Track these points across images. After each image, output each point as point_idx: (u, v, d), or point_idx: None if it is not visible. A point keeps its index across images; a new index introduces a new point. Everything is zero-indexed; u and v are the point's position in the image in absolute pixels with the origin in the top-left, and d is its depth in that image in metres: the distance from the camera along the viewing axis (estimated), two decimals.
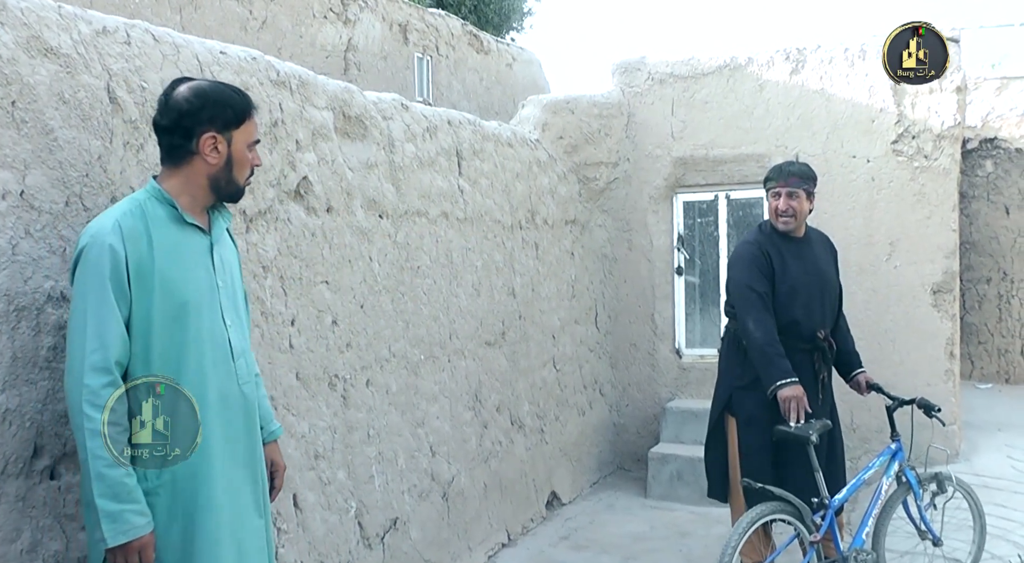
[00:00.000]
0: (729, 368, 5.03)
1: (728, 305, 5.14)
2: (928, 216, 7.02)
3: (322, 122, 4.33)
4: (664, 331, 7.99)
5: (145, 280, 2.60)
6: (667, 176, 7.88)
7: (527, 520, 6.40)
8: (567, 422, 7.15)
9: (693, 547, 6.00)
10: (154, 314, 2.61)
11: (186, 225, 2.74)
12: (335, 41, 8.76)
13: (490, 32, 13.70)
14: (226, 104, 2.77)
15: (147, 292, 2.61)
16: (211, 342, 2.74)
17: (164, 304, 2.63)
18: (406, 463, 4.95)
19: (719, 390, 5.11)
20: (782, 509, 4.33)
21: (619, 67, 8.07)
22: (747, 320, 4.77)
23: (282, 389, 3.99)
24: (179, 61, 3.42)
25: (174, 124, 2.72)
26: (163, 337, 2.63)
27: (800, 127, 7.41)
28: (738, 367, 4.94)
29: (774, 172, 4.97)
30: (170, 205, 2.71)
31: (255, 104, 2.90)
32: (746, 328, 4.77)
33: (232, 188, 2.85)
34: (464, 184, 5.70)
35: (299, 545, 4.03)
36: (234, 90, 2.85)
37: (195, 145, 2.72)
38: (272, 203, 3.97)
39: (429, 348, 5.25)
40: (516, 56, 12.37)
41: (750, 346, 4.75)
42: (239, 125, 2.80)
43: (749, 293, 4.80)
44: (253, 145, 2.88)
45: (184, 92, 2.73)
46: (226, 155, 2.78)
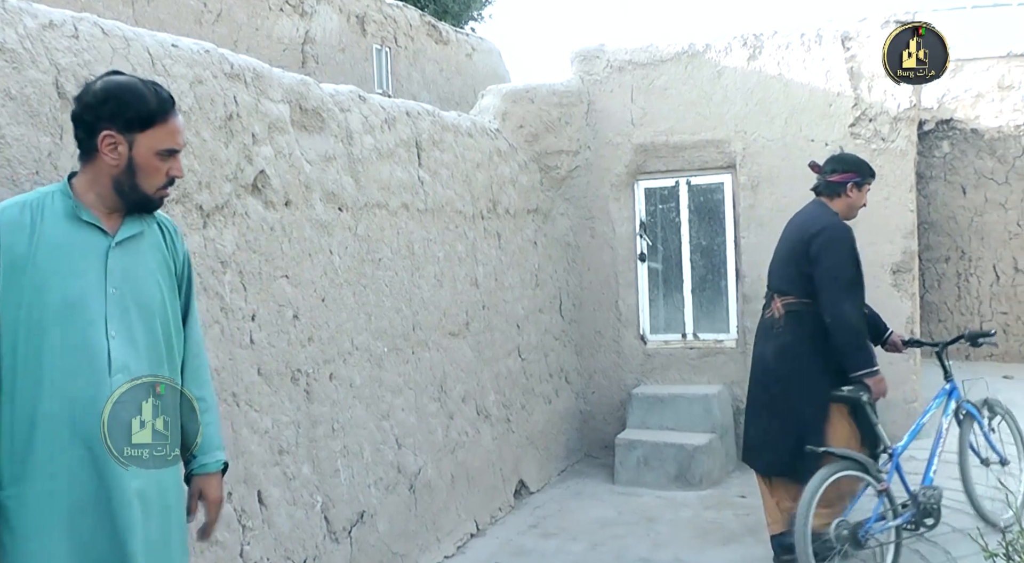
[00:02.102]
0: (814, 352, 4.99)
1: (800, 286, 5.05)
2: (886, 197, 7.09)
3: (278, 115, 4.29)
4: (628, 318, 8.02)
5: (16, 274, 2.44)
6: (628, 163, 7.90)
7: (495, 510, 6.41)
8: (533, 411, 7.16)
9: (661, 531, 6.03)
10: (22, 313, 2.44)
11: (83, 223, 2.55)
12: (292, 34, 8.69)
13: (449, 22, 13.65)
14: (130, 104, 2.56)
15: (16, 288, 2.44)
16: (83, 351, 2.48)
17: (35, 302, 2.45)
18: (372, 456, 4.94)
19: (812, 375, 4.99)
20: (848, 466, 4.63)
21: (578, 55, 8.07)
22: (843, 303, 4.85)
23: (244, 385, 3.96)
24: (130, 55, 3.37)
25: (78, 117, 2.58)
26: (31, 338, 2.45)
27: (759, 112, 7.45)
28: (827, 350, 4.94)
29: (868, 168, 5.23)
30: (70, 200, 2.55)
31: (174, 110, 2.67)
32: (841, 311, 4.84)
33: (138, 195, 2.62)
34: (424, 175, 5.68)
35: (264, 541, 4.01)
36: (153, 92, 2.62)
37: (96, 142, 2.55)
38: (229, 198, 3.94)
39: (392, 340, 5.23)
40: (476, 46, 12.33)
41: (842, 328, 4.84)
42: (144, 128, 2.58)
43: (850, 278, 4.93)
44: (167, 154, 2.64)
45: (98, 85, 2.59)
46: (126, 158, 2.57)
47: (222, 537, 3.72)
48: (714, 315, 7.89)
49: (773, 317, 5.19)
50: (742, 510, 6.40)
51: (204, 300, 3.72)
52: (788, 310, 5.10)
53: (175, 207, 3.60)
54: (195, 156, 3.71)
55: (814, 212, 5.20)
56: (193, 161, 3.69)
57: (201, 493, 2.86)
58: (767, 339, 5.24)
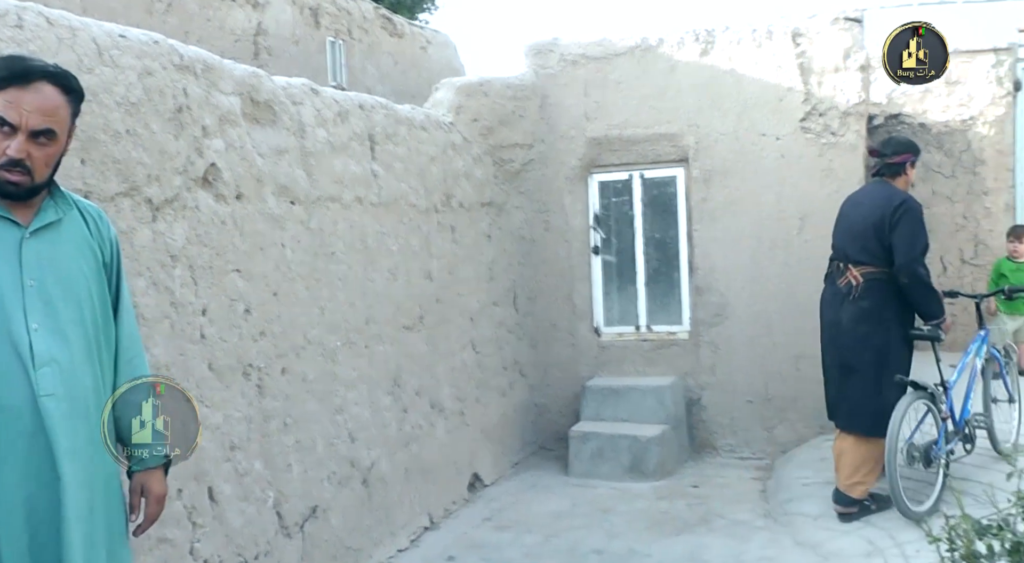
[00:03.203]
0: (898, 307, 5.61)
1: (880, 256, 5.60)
2: (836, 190, 7.16)
3: (229, 107, 4.26)
4: (582, 311, 8.05)
5: None
6: (582, 157, 7.92)
7: (449, 503, 6.41)
8: (488, 404, 7.17)
9: (615, 522, 6.07)
10: None
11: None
12: (244, 25, 8.59)
13: (404, 14, 13.59)
14: None
15: None
16: (2, 346, 2.39)
17: None
18: (325, 450, 4.92)
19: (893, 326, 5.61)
20: (922, 395, 5.49)
21: (532, 49, 8.07)
22: (919, 266, 5.52)
23: (195, 380, 3.92)
24: (76, 45, 3.33)
25: None
26: None
27: (711, 107, 7.51)
28: (902, 309, 5.63)
29: (917, 147, 5.90)
30: None
31: (21, 81, 2.43)
32: (918, 272, 5.51)
33: None
34: (378, 168, 5.66)
35: (215, 539, 3.98)
36: (11, 60, 2.47)
37: None
38: (179, 191, 3.90)
39: (346, 334, 5.21)
40: (431, 39, 12.28)
41: (919, 286, 5.52)
42: None
43: (924, 244, 5.60)
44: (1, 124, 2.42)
45: None
46: None
47: (172, 535, 3.69)
48: (667, 307, 7.94)
49: (849, 285, 5.69)
50: (695, 500, 6.46)
51: (154, 295, 3.68)
52: (867, 278, 5.64)
53: (124, 200, 3.56)
54: (144, 149, 3.67)
55: (886, 190, 5.73)
56: (142, 154, 3.65)
57: (143, 489, 2.75)
58: (840, 305, 5.74)
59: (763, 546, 5.49)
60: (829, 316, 5.84)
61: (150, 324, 3.64)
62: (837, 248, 5.88)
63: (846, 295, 5.69)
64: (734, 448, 7.60)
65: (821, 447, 6.92)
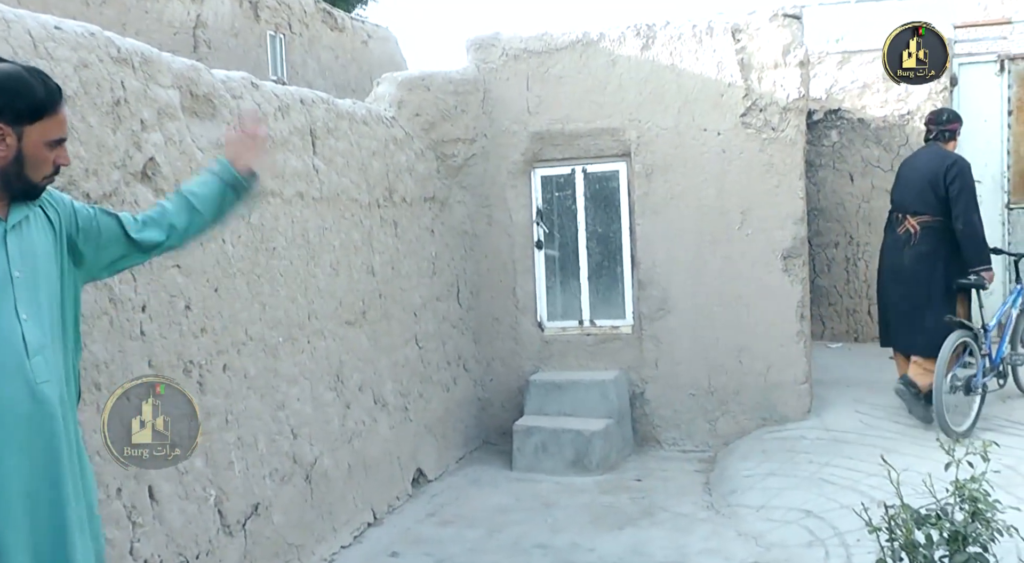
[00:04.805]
0: (949, 251, 6.70)
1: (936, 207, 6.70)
2: (777, 185, 7.27)
3: (168, 101, 4.20)
4: (526, 305, 8.07)
5: None
6: (524, 151, 7.93)
7: (393, 498, 6.39)
8: (431, 399, 7.16)
9: (558, 516, 6.10)
10: None
11: None
12: (183, 17, 8.48)
13: (342, 7, 13.49)
14: (19, 95, 2.52)
15: None
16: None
17: None
18: (267, 447, 4.88)
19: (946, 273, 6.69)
20: (967, 334, 6.52)
21: (473, 43, 8.06)
22: (973, 214, 6.59)
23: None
24: (10, 37, 3.26)
25: None
26: None
27: (653, 101, 7.55)
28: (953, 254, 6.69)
29: (962, 118, 7.01)
30: None
31: (62, 100, 2.66)
32: (971, 220, 6.58)
33: (24, 185, 2.60)
34: (319, 163, 5.62)
35: (156, 538, 3.93)
36: (40, 81, 2.59)
37: None
38: (118, 186, 3.84)
39: (288, 330, 5.17)
40: (372, 33, 12.22)
41: (971, 234, 6.58)
42: (34, 120, 2.56)
43: (976, 196, 6.66)
44: (55, 143, 2.64)
45: None
46: (15, 150, 2.54)
47: (111, 535, 3.64)
48: (610, 301, 7.98)
49: (908, 233, 6.80)
50: (638, 493, 6.51)
51: (92, 291, 3.62)
52: (924, 226, 6.73)
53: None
54: (81, 143, 3.60)
55: (940, 152, 6.82)
56: (79, 148, 3.58)
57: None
58: (900, 250, 6.87)
59: (706, 538, 5.55)
60: (890, 259, 6.97)
61: (89, 321, 3.57)
62: (896, 202, 6.99)
63: (906, 242, 6.80)
64: (677, 441, 7.67)
65: (763, 439, 7.02)
